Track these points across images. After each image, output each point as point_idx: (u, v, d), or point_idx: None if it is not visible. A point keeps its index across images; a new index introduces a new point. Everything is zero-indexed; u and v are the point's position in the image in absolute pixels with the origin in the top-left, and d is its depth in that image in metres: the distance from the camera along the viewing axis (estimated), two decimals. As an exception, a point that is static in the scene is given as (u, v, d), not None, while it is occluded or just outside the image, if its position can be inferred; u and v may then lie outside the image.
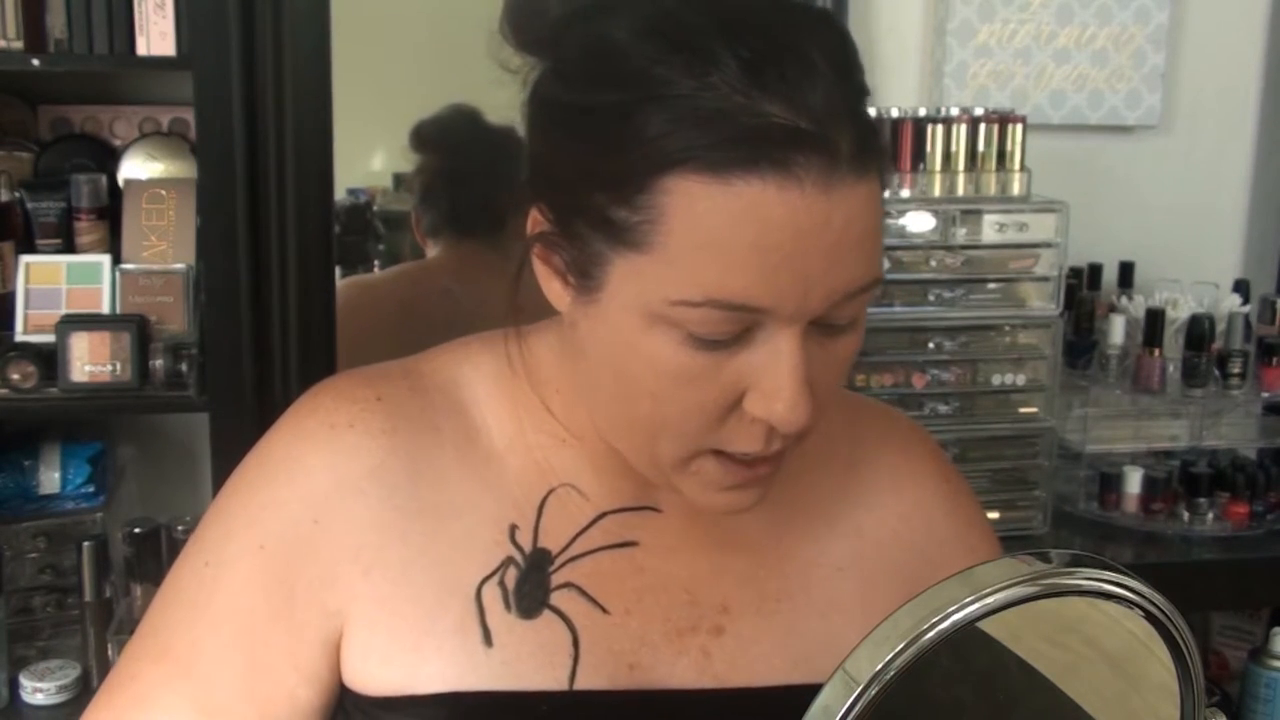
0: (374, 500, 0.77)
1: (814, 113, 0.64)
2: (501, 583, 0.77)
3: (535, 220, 0.73)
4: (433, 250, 1.86)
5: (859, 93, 0.68)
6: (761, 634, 0.80)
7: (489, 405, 0.81)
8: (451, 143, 1.78)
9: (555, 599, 0.77)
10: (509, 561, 0.77)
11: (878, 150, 0.68)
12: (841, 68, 0.66)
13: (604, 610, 0.78)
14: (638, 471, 0.78)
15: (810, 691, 0.56)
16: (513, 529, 0.78)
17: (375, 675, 0.76)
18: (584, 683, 0.76)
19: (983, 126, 1.67)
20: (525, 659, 0.75)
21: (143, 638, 0.79)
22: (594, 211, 0.67)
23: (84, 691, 1.52)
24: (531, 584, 0.77)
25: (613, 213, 0.67)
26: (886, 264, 1.65)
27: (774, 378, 0.68)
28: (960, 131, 1.66)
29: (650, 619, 0.78)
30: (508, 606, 0.76)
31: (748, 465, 0.72)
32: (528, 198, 0.73)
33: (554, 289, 0.73)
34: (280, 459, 0.78)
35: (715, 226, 0.64)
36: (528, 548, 0.78)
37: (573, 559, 0.78)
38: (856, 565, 0.84)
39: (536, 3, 0.72)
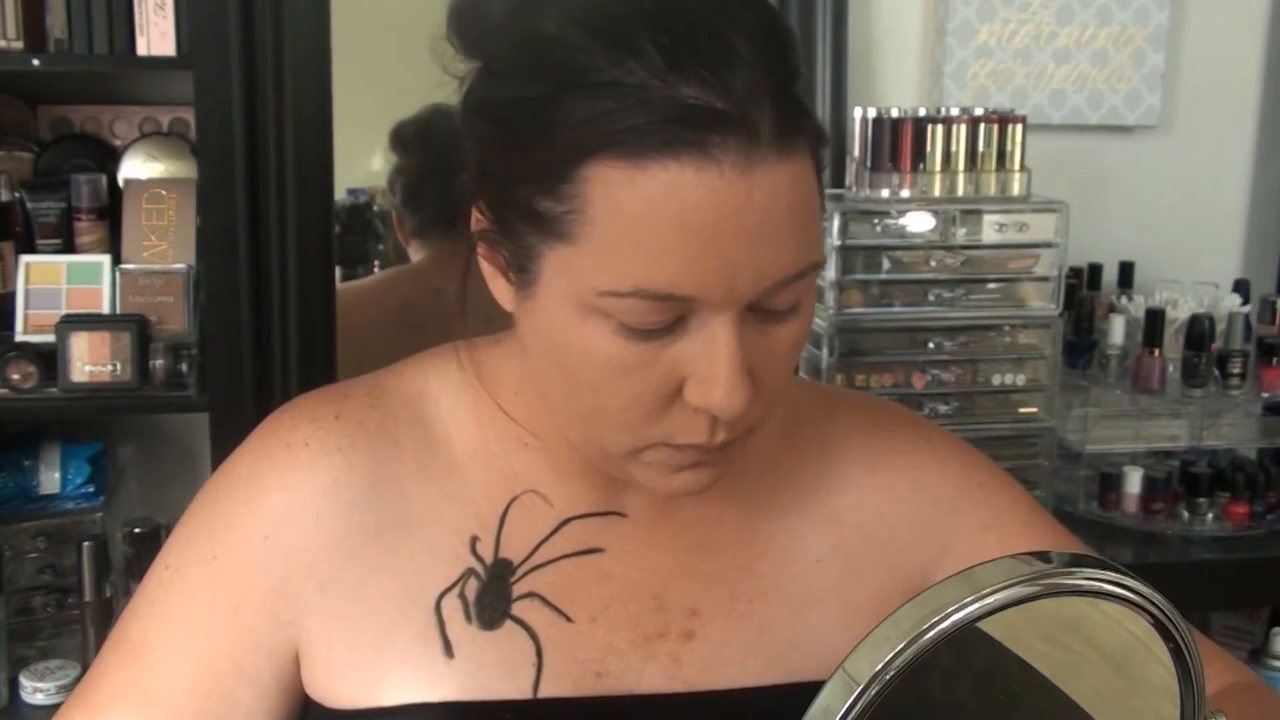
0: (327, 517, 0.78)
1: (732, 94, 0.63)
2: (462, 594, 0.77)
3: (476, 219, 0.73)
4: (418, 251, 1.87)
5: (786, 74, 0.67)
6: (733, 636, 0.79)
7: (453, 416, 0.81)
8: (434, 143, 1.78)
9: (518, 609, 0.77)
10: (469, 573, 0.77)
11: (805, 130, 0.67)
12: (765, 49, 0.65)
13: (568, 619, 0.78)
14: (601, 474, 0.78)
15: (785, 692, 0.56)
16: (473, 540, 0.78)
17: (338, 688, 0.77)
18: (549, 691, 0.76)
19: (983, 126, 1.67)
20: (488, 669, 0.75)
21: (114, 629, 0.83)
22: (523, 204, 0.68)
23: (84, 691, 1.52)
24: (493, 595, 0.77)
25: (539, 204, 0.67)
26: (886, 264, 1.65)
27: (709, 365, 0.67)
28: (960, 131, 1.67)
29: (617, 626, 0.78)
30: (468, 618, 0.76)
31: (699, 450, 0.71)
32: (469, 197, 0.74)
33: (498, 287, 0.74)
34: (241, 475, 0.80)
35: (635, 214, 0.64)
36: (489, 559, 0.78)
37: (536, 568, 0.78)
38: (836, 554, 0.83)
39: (479, 6, 0.72)
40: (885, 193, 1.66)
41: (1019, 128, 1.68)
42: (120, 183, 1.65)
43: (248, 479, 0.80)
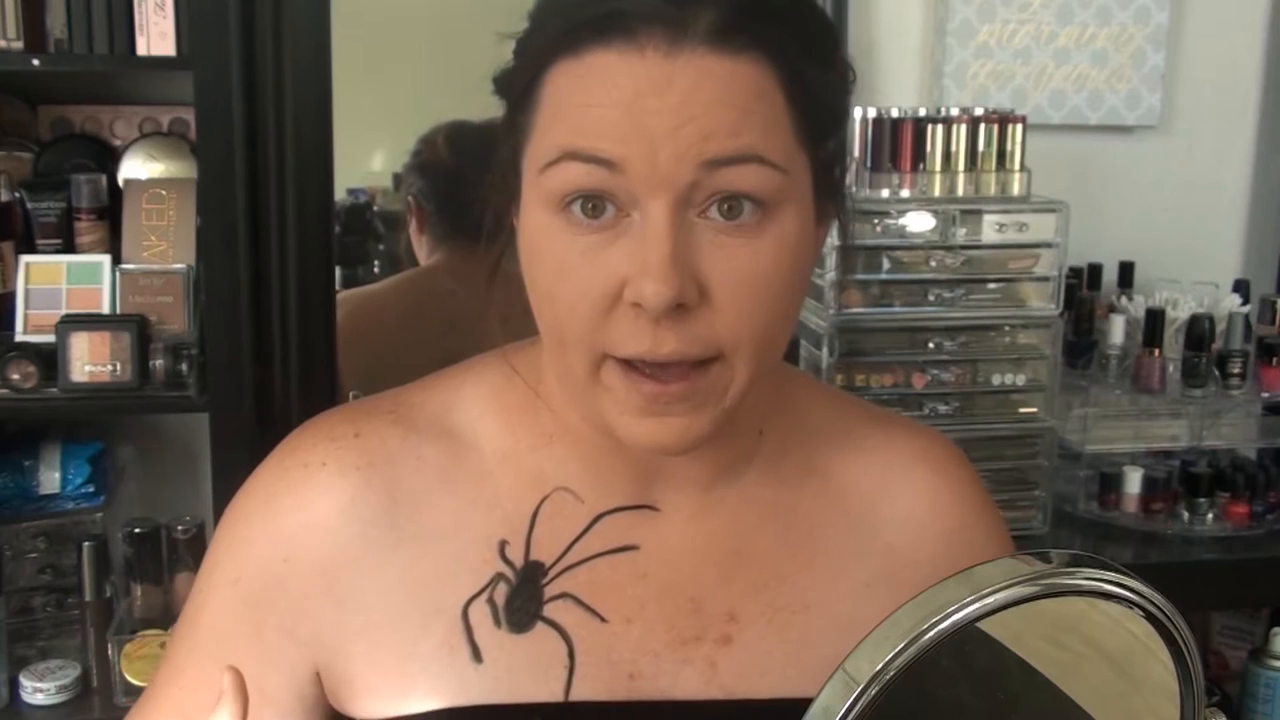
0: (345, 536, 0.78)
1: None
2: (490, 600, 0.76)
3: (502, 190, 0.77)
4: (431, 250, 1.86)
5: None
6: (774, 646, 0.78)
7: (482, 423, 0.81)
8: (483, 150, 1.77)
9: (551, 610, 0.77)
10: (498, 578, 0.77)
11: (766, 40, 0.68)
12: None
13: (602, 619, 0.77)
14: (629, 462, 0.78)
15: None
16: (502, 545, 0.78)
17: (362, 701, 0.77)
18: (581, 694, 0.75)
19: (983, 126, 1.67)
20: (518, 673, 0.75)
21: (166, 647, 0.87)
22: (508, 132, 0.73)
23: (84, 691, 1.52)
24: (523, 598, 0.77)
25: (516, 121, 0.72)
26: (886, 264, 1.65)
27: (642, 254, 0.67)
28: (960, 131, 1.66)
29: (652, 627, 0.77)
30: (497, 623, 0.76)
31: (653, 379, 0.70)
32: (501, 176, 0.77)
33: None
34: (260, 496, 0.81)
35: (569, 93, 0.69)
36: (519, 562, 0.78)
37: (569, 567, 0.78)
38: (886, 583, 0.81)
39: None
40: (885, 193, 1.66)
41: (1019, 128, 1.68)
42: (120, 183, 1.65)
43: (265, 500, 0.80)
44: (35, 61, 1.49)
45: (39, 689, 1.50)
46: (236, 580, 0.79)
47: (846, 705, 0.54)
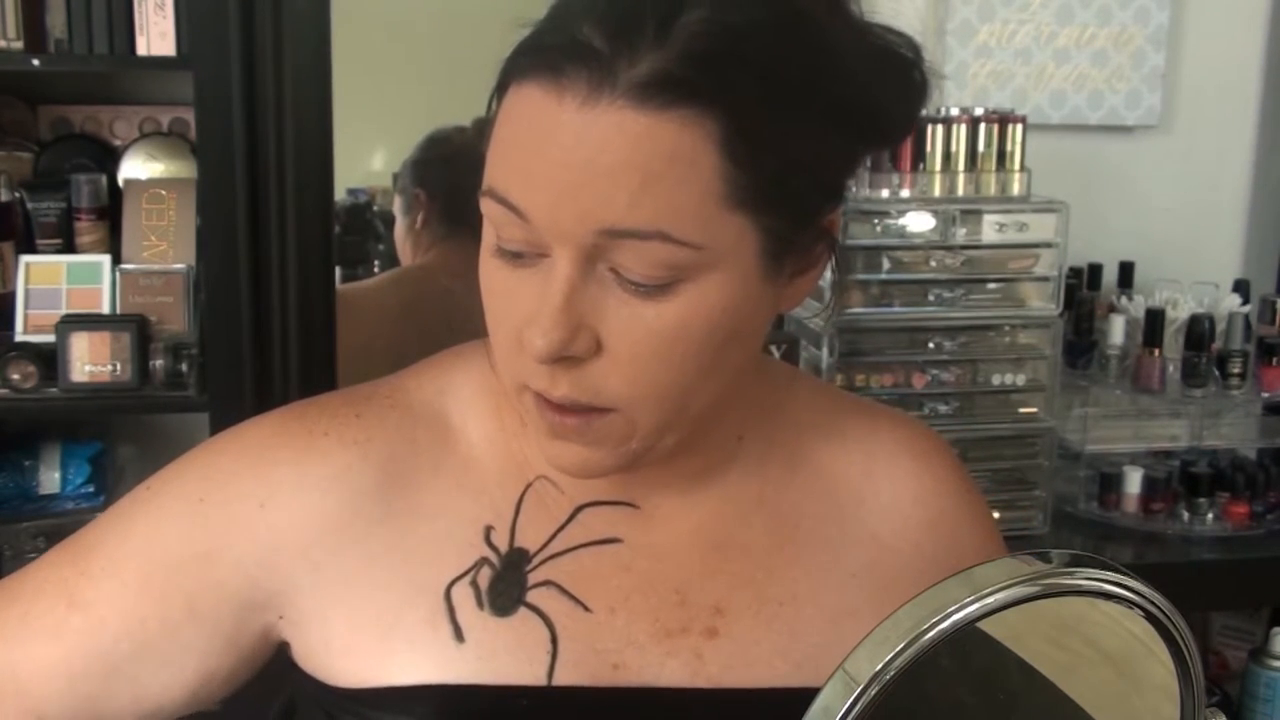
0: (334, 502, 0.78)
1: (615, 37, 0.64)
2: (474, 582, 0.77)
3: None
4: (426, 246, 1.87)
5: (718, 50, 0.64)
6: (761, 637, 0.79)
7: (471, 408, 0.82)
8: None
9: (534, 597, 0.77)
10: (482, 562, 0.78)
11: (712, 92, 0.64)
12: (713, 30, 0.64)
13: (585, 608, 0.77)
14: None
15: (812, 694, 0.56)
16: (488, 530, 0.79)
17: (338, 666, 0.77)
18: (563, 679, 0.76)
19: (983, 126, 1.67)
20: (500, 655, 0.76)
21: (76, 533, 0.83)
22: (487, 134, 0.72)
23: (84, 691, 1.52)
24: (507, 583, 0.77)
25: (490, 128, 0.71)
26: (886, 264, 1.65)
27: (539, 301, 0.68)
28: (960, 131, 1.66)
29: (637, 618, 0.78)
30: (480, 604, 0.77)
31: (553, 409, 0.71)
32: None
33: None
34: (253, 442, 0.82)
35: (502, 122, 0.69)
36: (504, 548, 0.78)
37: (553, 556, 0.78)
38: (871, 572, 0.82)
39: None
40: (885, 193, 1.66)
41: (1019, 128, 1.68)
42: (120, 183, 1.65)
43: (260, 447, 0.81)
44: (35, 61, 1.50)
45: (39, 689, 1.50)
46: (200, 500, 0.79)
47: (846, 705, 0.54)
